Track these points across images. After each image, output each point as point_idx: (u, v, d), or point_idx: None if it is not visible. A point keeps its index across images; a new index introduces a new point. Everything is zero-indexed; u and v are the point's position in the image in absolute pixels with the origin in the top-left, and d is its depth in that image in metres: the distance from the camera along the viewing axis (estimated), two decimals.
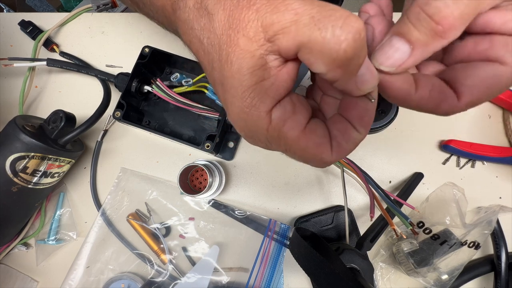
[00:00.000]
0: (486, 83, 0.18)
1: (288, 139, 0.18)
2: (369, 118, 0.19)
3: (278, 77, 0.17)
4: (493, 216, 0.33)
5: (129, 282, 0.39)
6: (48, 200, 0.42)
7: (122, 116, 0.38)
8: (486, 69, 0.18)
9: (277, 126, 0.18)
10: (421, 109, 0.20)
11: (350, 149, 0.19)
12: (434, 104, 0.19)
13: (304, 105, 0.19)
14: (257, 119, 0.17)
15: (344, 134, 0.19)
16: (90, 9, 0.47)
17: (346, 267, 0.30)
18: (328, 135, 0.19)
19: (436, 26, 0.17)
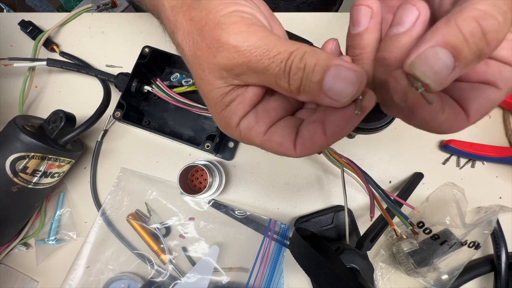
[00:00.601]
0: (488, 106, 0.19)
1: (255, 143, 0.22)
2: (341, 129, 0.19)
3: (242, 98, 0.21)
4: (493, 216, 0.34)
5: (129, 282, 0.39)
6: (48, 200, 0.42)
7: (122, 116, 0.38)
8: (489, 93, 0.18)
9: (245, 134, 0.21)
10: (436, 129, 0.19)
11: (313, 151, 0.21)
12: (451, 123, 0.18)
13: (269, 112, 0.22)
14: (231, 131, 0.22)
15: (312, 136, 0.20)
16: (90, 9, 0.47)
17: (346, 267, 0.30)
18: (293, 134, 0.21)
19: (486, 47, 0.15)
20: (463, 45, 0.15)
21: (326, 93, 0.17)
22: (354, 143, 0.41)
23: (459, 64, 0.15)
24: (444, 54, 0.15)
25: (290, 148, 0.21)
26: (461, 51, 0.15)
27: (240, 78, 0.20)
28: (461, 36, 0.15)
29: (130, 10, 1.03)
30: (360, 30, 0.18)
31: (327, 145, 0.20)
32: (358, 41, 0.19)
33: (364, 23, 0.18)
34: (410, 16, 0.16)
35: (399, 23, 0.17)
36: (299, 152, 0.21)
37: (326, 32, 0.44)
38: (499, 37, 0.15)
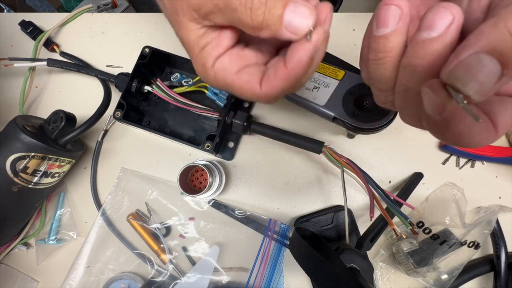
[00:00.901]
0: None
1: (227, 82, 0.24)
2: (301, 55, 0.20)
3: (217, 41, 0.23)
4: (492, 216, 0.34)
5: (129, 282, 0.39)
6: (49, 200, 0.42)
7: (122, 116, 0.38)
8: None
9: (219, 74, 0.24)
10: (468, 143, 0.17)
11: (277, 85, 0.22)
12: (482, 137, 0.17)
13: (242, 57, 0.24)
14: (206, 73, 0.24)
15: (275, 72, 0.22)
16: (90, 9, 0.47)
17: (346, 267, 0.30)
18: (260, 75, 0.23)
19: None
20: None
21: (286, 27, 0.19)
22: (354, 143, 0.41)
23: (508, 72, 0.14)
24: (490, 61, 0.14)
25: (256, 87, 0.23)
26: (511, 57, 0.13)
27: (209, 18, 0.21)
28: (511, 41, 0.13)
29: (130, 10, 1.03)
30: (386, 32, 0.17)
31: (289, 79, 0.22)
32: (383, 43, 0.18)
33: (392, 24, 0.17)
34: (444, 20, 0.15)
35: (431, 27, 0.15)
36: (264, 89, 0.23)
37: None
38: None
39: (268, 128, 0.38)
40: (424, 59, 0.16)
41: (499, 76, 0.14)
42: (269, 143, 0.41)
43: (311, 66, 0.21)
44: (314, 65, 0.22)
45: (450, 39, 0.15)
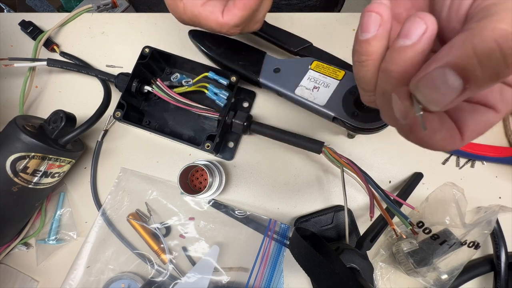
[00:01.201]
0: (483, 128, 0.19)
1: (194, 13, 0.28)
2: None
3: None
4: (492, 216, 0.34)
5: (129, 282, 0.39)
6: (49, 200, 0.42)
7: (122, 116, 0.38)
8: (487, 116, 0.19)
9: (187, 6, 0.28)
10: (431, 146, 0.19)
11: (236, 14, 0.28)
12: (446, 143, 0.19)
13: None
14: (176, 6, 0.28)
15: (235, 1, 0.27)
16: (90, 9, 0.47)
17: (346, 267, 0.30)
18: (222, 5, 0.28)
19: (505, 70, 0.14)
20: (476, 68, 0.14)
21: None
22: (354, 143, 0.41)
23: (470, 86, 0.14)
24: (452, 76, 0.14)
25: (218, 16, 0.28)
26: (474, 73, 0.14)
27: None
28: (475, 58, 0.14)
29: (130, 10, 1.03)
30: (368, 37, 0.18)
31: (245, 8, 0.27)
32: (365, 47, 0.19)
33: (373, 30, 0.18)
34: (418, 29, 0.16)
35: (406, 35, 0.16)
36: (225, 17, 0.28)
37: (326, 32, 0.44)
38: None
39: (268, 128, 0.38)
40: (398, 65, 0.17)
41: (460, 90, 0.14)
42: (269, 143, 0.41)
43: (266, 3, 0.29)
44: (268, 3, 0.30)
45: (422, 48, 0.16)
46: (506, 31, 0.13)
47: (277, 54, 0.42)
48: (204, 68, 0.40)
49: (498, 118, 0.19)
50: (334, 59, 0.36)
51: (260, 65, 0.38)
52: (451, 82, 0.14)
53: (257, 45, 0.41)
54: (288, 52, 0.39)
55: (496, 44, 0.13)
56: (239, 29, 0.30)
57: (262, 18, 0.32)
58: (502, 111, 0.19)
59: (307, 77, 0.35)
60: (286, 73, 0.36)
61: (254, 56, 0.39)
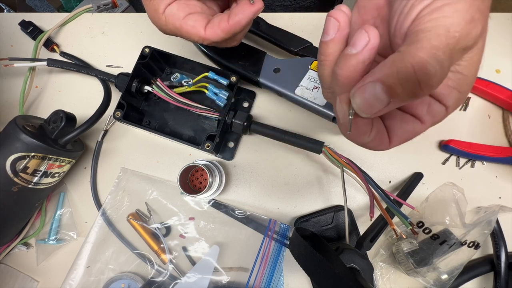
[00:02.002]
0: (409, 135, 0.22)
1: (176, 26, 0.28)
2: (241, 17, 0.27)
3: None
4: (492, 216, 0.34)
5: (129, 282, 0.39)
6: (49, 200, 0.42)
7: (122, 116, 0.38)
8: (413, 126, 0.22)
9: (168, 19, 0.28)
10: (362, 145, 0.23)
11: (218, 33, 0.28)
12: (375, 145, 0.22)
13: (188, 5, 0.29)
14: (158, 18, 0.29)
15: (219, 22, 0.28)
16: (90, 9, 0.47)
17: (346, 267, 0.30)
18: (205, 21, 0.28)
19: (420, 91, 0.16)
20: (397, 87, 0.16)
21: None
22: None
23: (394, 100, 0.17)
24: (380, 91, 0.17)
25: (200, 31, 0.28)
26: (396, 91, 0.16)
27: None
28: (397, 79, 0.16)
29: (130, 10, 1.03)
30: (327, 39, 0.20)
31: (228, 32, 0.28)
32: (324, 48, 0.21)
33: (332, 33, 0.20)
34: (362, 41, 0.18)
35: (353, 45, 0.18)
36: (207, 34, 0.28)
37: None
38: (433, 83, 0.16)
39: (268, 128, 0.38)
40: (343, 70, 0.19)
41: (386, 103, 0.17)
42: (269, 143, 0.41)
43: (246, 28, 0.30)
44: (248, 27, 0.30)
45: (363, 58, 0.18)
46: (422, 59, 0.16)
47: (277, 54, 0.42)
48: (204, 68, 0.40)
49: (423, 128, 0.22)
50: None
51: (260, 65, 0.38)
52: (378, 95, 0.17)
53: (257, 45, 0.41)
54: (288, 52, 0.39)
55: (413, 70, 0.16)
56: (218, 44, 0.31)
57: (241, 38, 0.33)
58: (427, 122, 0.22)
59: (307, 77, 0.35)
60: (286, 73, 0.36)
61: (254, 56, 0.39)
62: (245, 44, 0.40)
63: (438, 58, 0.16)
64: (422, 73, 0.16)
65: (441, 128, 0.40)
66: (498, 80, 0.39)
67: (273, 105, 0.43)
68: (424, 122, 0.22)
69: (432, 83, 0.16)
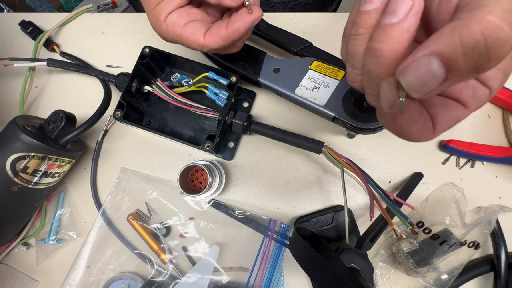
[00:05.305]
0: (453, 122, 0.20)
1: (176, 33, 0.29)
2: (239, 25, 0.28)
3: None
4: (492, 216, 0.34)
5: (129, 281, 0.39)
6: (49, 200, 0.42)
7: (122, 116, 0.38)
8: (457, 111, 0.20)
9: (169, 27, 0.29)
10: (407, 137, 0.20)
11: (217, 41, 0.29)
12: (421, 134, 0.20)
13: (189, 14, 0.29)
14: (159, 25, 0.30)
15: (217, 30, 0.28)
16: (90, 9, 0.47)
17: (346, 267, 0.30)
18: (204, 29, 0.29)
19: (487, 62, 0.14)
20: (459, 59, 0.14)
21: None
22: (354, 143, 0.41)
23: (451, 76, 0.15)
24: (437, 65, 0.14)
25: (200, 38, 0.29)
26: (456, 64, 0.14)
27: None
28: (460, 48, 0.14)
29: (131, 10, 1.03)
30: (370, 8, 0.18)
31: (226, 39, 0.28)
32: (365, 20, 0.18)
33: (377, 2, 0.18)
34: (404, 6, 0.16)
35: (393, 13, 0.16)
36: (206, 41, 0.29)
37: (326, 32, 0.44)
38: (503, 52, 0.14)
39: (268, 128, 0.38)
40: (385, 43, 0.17)
41: (442, 79, 0.15)
42: (269, 143, 0.41)
43: (246, 35, 0.30)
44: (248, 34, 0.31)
45: (408, 25, 0.16)
46: (494, 23, 0.13)
47: (277, 54, 0.42)
48: (204, 68, 0.40)
49: (466, 113, 0.20)
50: (334, 59, 0.36)
51: (260, 65, 0.38)
52: (434, 70, 0.14)
53: (257, 45, 0.41)
54: (288, 52, 0.39)
55: (483, 36, 0.13)
56: (218, 51, 0.32)
57: (241, 45, 0.34)
58: (471, 107, 0.20)
59: (307, 77, 0.35)
60: (286, 73, 0.36)
61: (254, 56, 0.39)
62: (245, 44, 0.40)
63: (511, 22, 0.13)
64: (493, 39, 0.13)
65: None
66: None
67: (273, 105, 0.43)
68: (468, 107, 0.20)
69: (503, 52, 0.13)
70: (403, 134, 0.20)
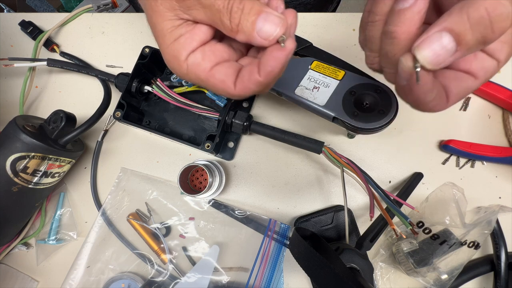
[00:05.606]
0: (465, 92, 0.22)
1: (200, 78, 0.24)
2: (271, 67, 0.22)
3: (191, 34, 0.23)
4: (492, 216, 0.34)
5: (129, 282, 0.39)
6: (49, 200, 0.42)
7: (122, 116, 0.38)
8: (467, 82, 0.22)
9: (191, 69, 0.24)
10: (423, 106, 0.22)
11: (250, 89, 0.24)
12: (436, 103, 0.22)
13: (215, 53, 0.24)
14: (178, 65, 0.24)
15: (249, 75, 0.23)
16: (90, 9, 0.47)
17: (346, 267, 0.30)
18: (234, 75, 0.24)
19: (492, 34, 0.17)
20: (467, 33, 0.17)
21: (257, 33, 0.21)
22: (354, 143, 0.41)
23: (461, 48, 0.18)
24: (448, 39, 0.17)
25: (230, 87, 0.24)
26: (465, 38, 0.17)
27: (190, 12, 0.22)
28: (468, 23, 0.17)
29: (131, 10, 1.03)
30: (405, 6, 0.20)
31: (262, 84, 0.24)
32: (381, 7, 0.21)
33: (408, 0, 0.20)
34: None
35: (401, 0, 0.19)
36: (238, 90, 0.24)
37: (325, 32, 0.44)
38: (506, 25, 0.17)
39: (268, 128, 0.38)
40: (399, 26, 0.20)
41: (453, 52, 0.18)
42: (269, 143, 0.41)
43: (281, 72, 0.24)
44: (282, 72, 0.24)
45: (418, 8, 0.19)
46: (495, 1, 0.16)
47: None
48: None
49: (476, 84, 0.22)
50: (334, 59, 0.36)
51: None
52: (446, 44, 0.17)
53: None
54: None
55: (486, 12, 0.16)
56: None
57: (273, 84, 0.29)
58: (480, 78, 0.22)
59: (307, 77, 0.35)
60: (286, 73, 0.36)
61: None
62: None
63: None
64: (495, 14, 0.16)
65: (441, 128, 0.40)
66: (498, 80, 0.39)
67: (273, 105, 0.43)
68: (478, 77, 0.22)
69: (504, 25, 0.16)
70: (419, 104, 0.22)
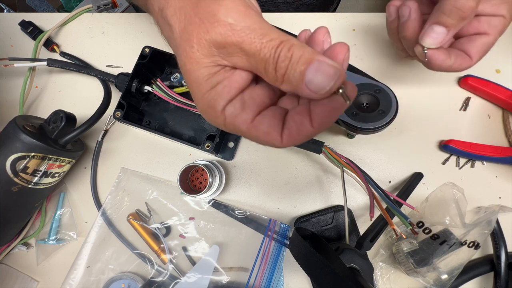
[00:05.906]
0: (484, 47, 0.30)
1: (241, 130, 0.21)
2: (328, 118, 0.19)
3: (229, 81, 0.20)
4: (492, 216, 0.34)
5: (129, 282, 0.39)
6: (49, 200, 0.42)
7: (122, 116, 0.38)
8: (482, 39, 0.30)
9: (230, 121, 0.21)
10: (451, 69, 0.31)
11: (300, 140, 0.21)
12: (458, 64, 0.30)
13: (255, 100, 0.22)
14: (215, 116, 0.21)
15: (299, 127, 0.20)
16: (90, 9, 0.47)
17: (346, 267, 0.30)
18: (279, 124, 0.21)
19: (463, 13, 0.27)
20: (447, 19, 0.27)
21: (306, 84, 0.18)
22: (354, 143, 0.41)
23: (450, 29, 0.28)
24: (438, 28, 0.28)
25: (276, 139, 0.21)
26: (447, 22, 0.28)
27: (230, 59, 0.20)
28: (444, 14, 0.27)
29: (131, 10, 1.03)
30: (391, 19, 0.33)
31: (313, 135, 0.21)
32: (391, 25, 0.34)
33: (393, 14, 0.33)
34: (406, 10, 0.31)
35: (403, 15, 0.31)
36: (285, 142, 0.21)
37: None
38: (470, 6, 0.26)
39: None
40: (408, 31, 0.31)
41: (445, 33, 0.28)
42: None
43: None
44: None
45: (413, 17, 0.30)
46: None
47: None
48: None
49: (491, 39, 0.30)
50: None
51: None
52: (438, 31, 0.28)
53: None
54: None
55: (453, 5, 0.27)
56: None
57: None
58: (492, 34, 0.30)
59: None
60: None
61: None
62: None
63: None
64: (460, 3, 0.26)
65: (441, 128, 0.40)
66: (498, 80, 0.39)
67: None
68: (490, 34, 0.30)
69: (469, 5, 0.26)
70: (444, 69, 0.31)
